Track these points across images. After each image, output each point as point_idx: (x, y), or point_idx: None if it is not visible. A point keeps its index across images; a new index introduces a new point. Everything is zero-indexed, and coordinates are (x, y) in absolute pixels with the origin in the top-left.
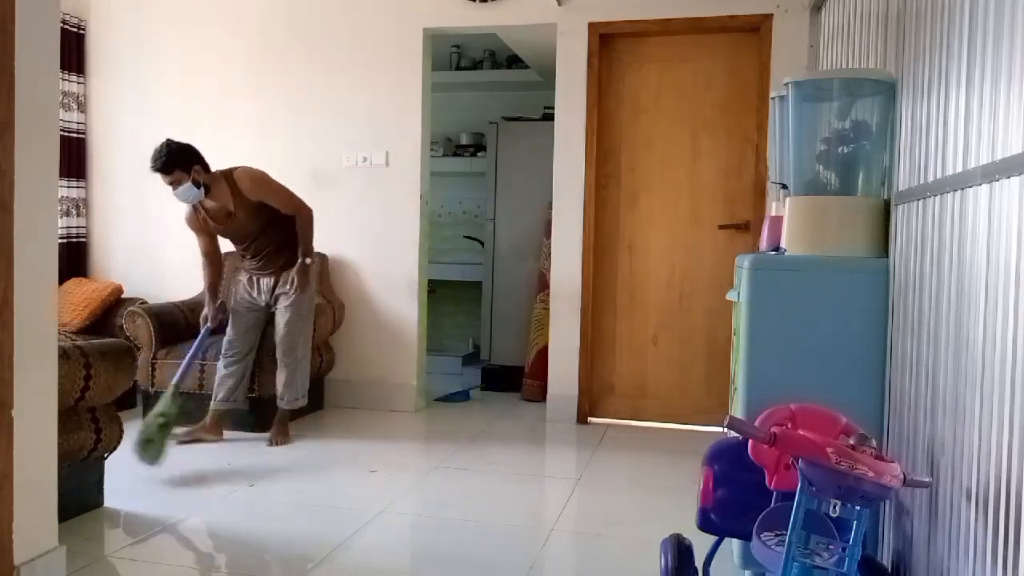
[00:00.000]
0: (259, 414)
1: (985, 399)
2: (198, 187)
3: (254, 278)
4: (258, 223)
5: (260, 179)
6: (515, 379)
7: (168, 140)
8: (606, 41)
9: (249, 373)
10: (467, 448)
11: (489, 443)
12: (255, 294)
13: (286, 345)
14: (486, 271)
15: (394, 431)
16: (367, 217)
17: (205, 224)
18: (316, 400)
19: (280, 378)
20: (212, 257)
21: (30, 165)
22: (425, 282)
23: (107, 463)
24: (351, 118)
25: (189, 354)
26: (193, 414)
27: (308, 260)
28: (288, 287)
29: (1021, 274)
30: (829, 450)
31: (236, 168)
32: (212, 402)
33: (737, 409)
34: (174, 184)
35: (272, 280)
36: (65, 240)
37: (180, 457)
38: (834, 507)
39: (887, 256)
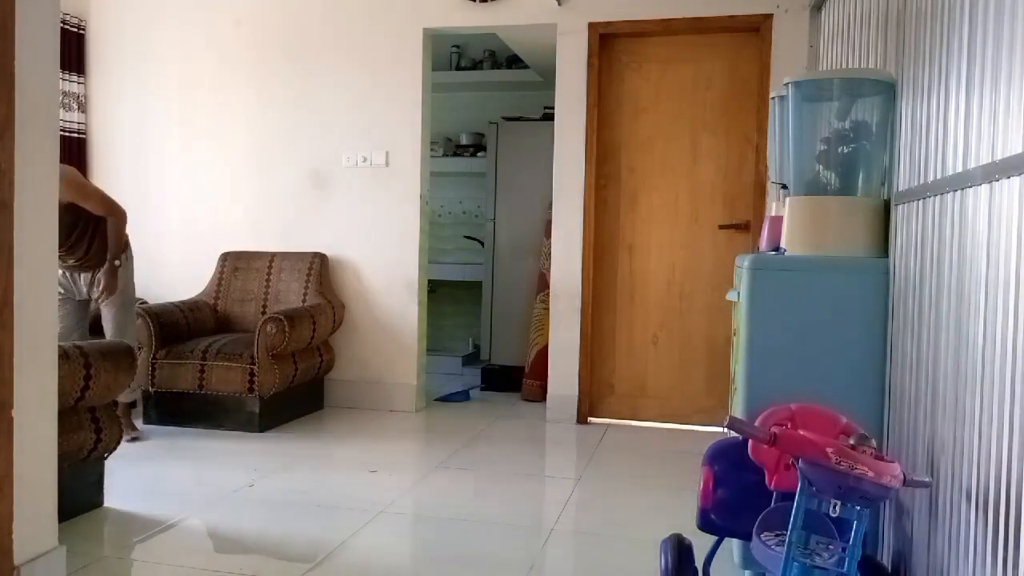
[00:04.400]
0: (261, 412)
1: (985, 399)
2: None
3: (69, 272)
4: (67, 222)
5: (71, 180)
6: (515, 379)
7: None
8: (606, 41)
9: None
10: (467, 448)
11: (489, 443)
12: (71, 287)
13: (117, 339)
14: (486, 271)
15: (394, 431)
16: (367, 217)
17: None
18: (316, 400)
19: None
20: None
21: (30, 165)
22: (425, 282)
23: (107, 463)
24: (351, 118)
25: None
26: (193, 413)
27: (116, 262)
28: (97, 288)
29: (1021, 274)
30: (829, 450)
31: None
32: None
33: (737, 409)
34: None
35: (90, 276)
36: None
37: (178, 458)
38: (834, 507)
39: (887, 256)
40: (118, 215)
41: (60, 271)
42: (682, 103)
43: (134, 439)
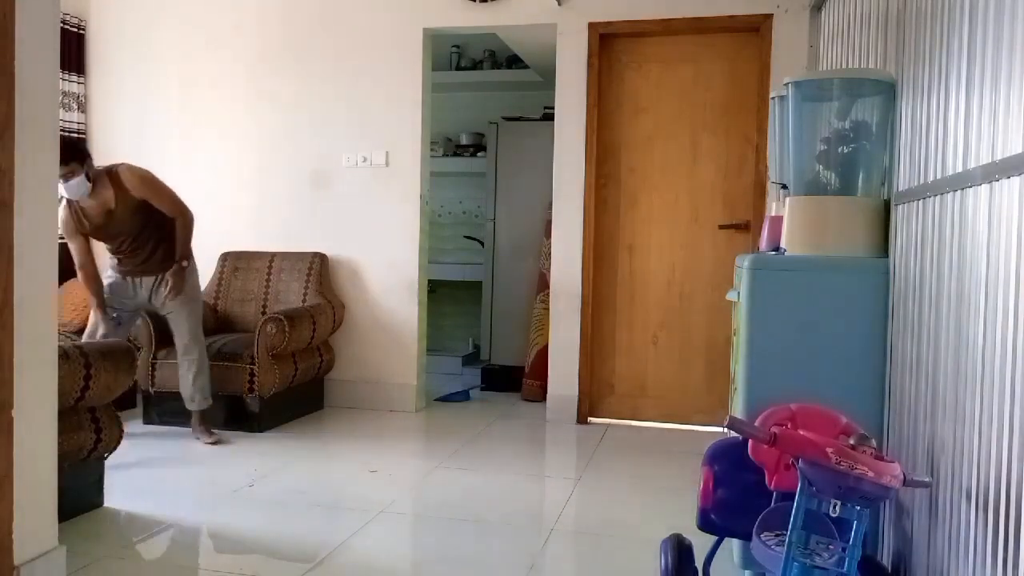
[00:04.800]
0: (261, 412)
1: (985, 400)
2: (88, 181)
3: (132, 279)
4: (137, 222)
5: (146, 177)
6: (515, 379)
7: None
8: (606, 41)
9: None
10: (467, 448)
11: (489, 443)
12: (130, 292)
13: (193, 346)
14: (486, 271)
15: (394, 431)
16: (367, 217)
17: (80, 224)
18: (316, 400)
19: (187, 378)
20: (91, 268)
21: (30, 165)
22: (425, 282)
23: (107, 463)
24: (351, 118)
25: None
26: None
27: (184, 263)
28: (164, 289)
29: (1021, 274)
30: (829, 450)
31: (119, 164)
32: None
33: (737, 409)
34: (67, 176)
35: (153, 280)
36: (65, 240)
37: (178, 458)
38: (834, 507)
39: (887, 256)
40: (188, 217)
41: (120, 277)
42: (682, 103)
43: (216, 442)
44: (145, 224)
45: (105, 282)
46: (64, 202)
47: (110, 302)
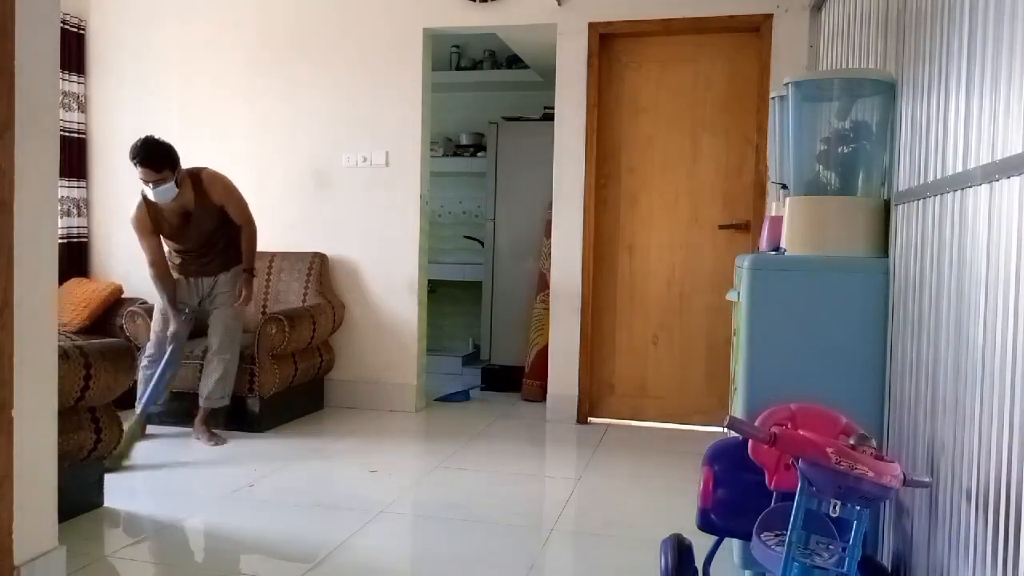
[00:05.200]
0: (261, 412)
1: (985, 399)
2: (176, 187)
3: (192, 280)
4: (212, 226)
5: (228, 185)
6: (515, 379)
7: (155, 137)
8: (606, 41)
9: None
10: (467, 448)
11: (489, 443)
12: (193, 296)
13: (227, 347)
14: (486, 271)
15: (394, 431)
16: (367, 217)
17: (157, 225)
18: (316, 400)
19: (212, 376)
20: (163, 267)
21: (30, 165)
22: (425, 282)
23: (107, 463)
24: (351, 118)
25: (158, 374)
26: (193, 413)
27: (254, 273)
28: (239, 296)
29: (1021, 274)
30: (829, 450)
31: (203, 169)
32: (140, 404)
33: (737, 409)
34: (158, 182)
35: (212, 281)
36: (65, 240)
37: (178, 458)
38: (834, 507)
39: (887, 256)
40: (254, 228)
41: (183, 278)
42: (682, 103)
43: (216, 444)
44: (217, 228)
45: (178, 279)
46: (140, 201)
47: (178, 299)
